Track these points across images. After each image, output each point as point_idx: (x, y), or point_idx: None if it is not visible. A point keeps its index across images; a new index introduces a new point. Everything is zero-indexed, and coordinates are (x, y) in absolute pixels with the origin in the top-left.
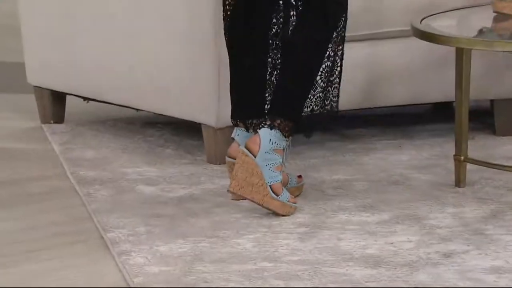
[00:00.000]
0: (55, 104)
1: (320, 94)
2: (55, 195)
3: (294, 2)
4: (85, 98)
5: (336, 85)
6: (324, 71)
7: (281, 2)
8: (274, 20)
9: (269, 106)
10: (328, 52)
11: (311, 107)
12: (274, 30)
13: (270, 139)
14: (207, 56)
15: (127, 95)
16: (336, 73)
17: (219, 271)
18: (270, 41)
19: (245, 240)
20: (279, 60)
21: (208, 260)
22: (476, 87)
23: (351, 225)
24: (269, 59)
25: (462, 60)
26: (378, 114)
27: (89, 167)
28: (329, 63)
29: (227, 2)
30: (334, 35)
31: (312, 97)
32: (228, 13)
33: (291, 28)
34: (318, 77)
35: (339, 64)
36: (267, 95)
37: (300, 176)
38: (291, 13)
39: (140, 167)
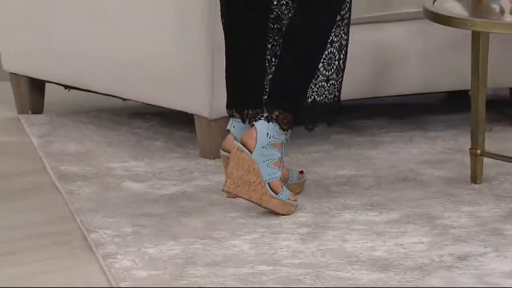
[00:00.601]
0: (33, 92)
1: (323, 83)
2: (33, 193)
3: None
4: (66, 86)
5: (340, 74)
6: (327, 58)
7: None
8: (275, 3)
9: (267, 96)
10: (331, 38)
11: (312, 97)
12: (274, 13)
13: (268, 133)
14: (200, 41)
15: (112, 83)
16: (341, 61)
17: (213, 275)
18: (271, 25)
19: (242, 241)
20: (279, 47)
21: (201, 263)
22: (494, 74)
23: (357, 225)
24: (268, 45)
25: (479, 44)
26: (387, 104)
27: (71, 161)
28: (332, 49)
29: None
30: (338, 19)
31: (313, 86)
32: None
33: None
34: (321, 65)
35: (344, 51)
36: (265, 84)
37: (301, 172)
38: None
39: (127, 161)
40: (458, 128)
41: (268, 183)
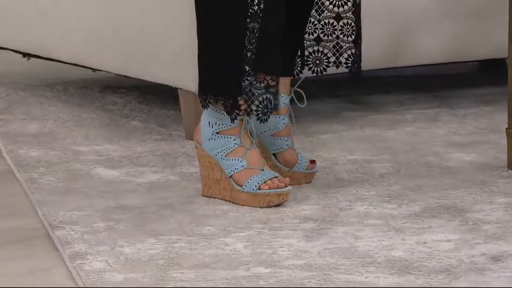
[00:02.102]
0: None
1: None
2: None
3: None
4: (25, 54)
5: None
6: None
7: None
8: None
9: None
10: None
11: (316, 33)
12: None
13: (209, 122)
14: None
15: (80, 50)
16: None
17: (201, 278)
18: None
19: (235, 239)
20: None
21: (186, 265)
22: None
23: (371, 219)
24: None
25: None
26: (407, 76)
27: (32, 144)
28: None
29: None
30: None
31: (317, 23)
32: None
33: None
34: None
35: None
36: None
37: (313, 162)
38: None
39: (98, 144)
40: (493, 104)
41: (230, 176)
